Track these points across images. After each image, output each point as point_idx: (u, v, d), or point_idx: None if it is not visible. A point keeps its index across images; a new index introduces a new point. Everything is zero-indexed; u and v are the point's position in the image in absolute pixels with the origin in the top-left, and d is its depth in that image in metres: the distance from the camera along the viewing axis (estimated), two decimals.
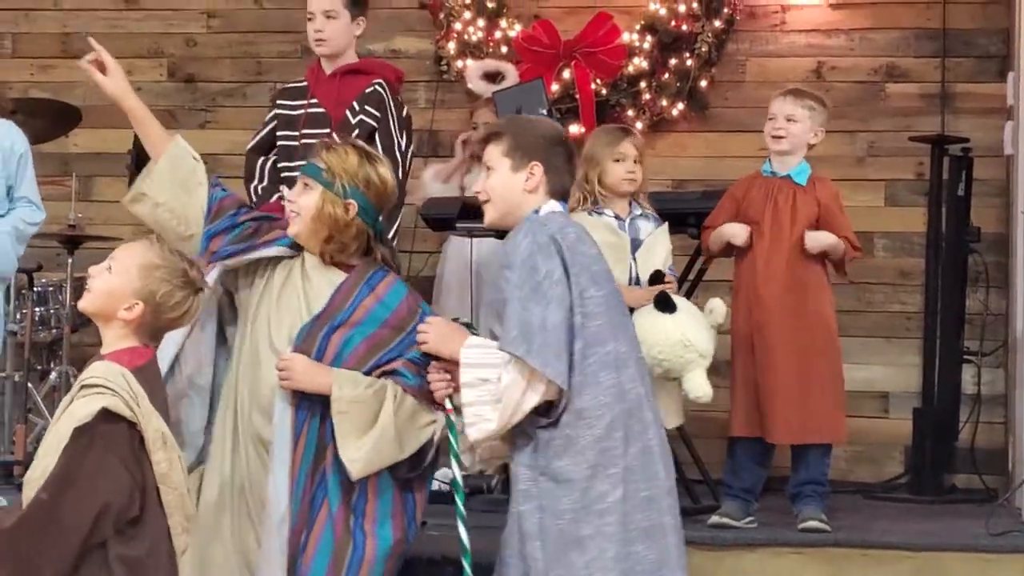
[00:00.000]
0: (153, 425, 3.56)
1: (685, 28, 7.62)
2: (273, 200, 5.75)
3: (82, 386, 3.62)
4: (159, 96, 7.96)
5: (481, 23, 7.75)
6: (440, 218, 6.36)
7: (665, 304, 5.32)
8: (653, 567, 4.07)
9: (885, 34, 7.62)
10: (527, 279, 4.04)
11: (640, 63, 7.63)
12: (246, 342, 4.41)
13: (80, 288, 6.99)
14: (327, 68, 5.86)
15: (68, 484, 3.49)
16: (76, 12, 8.11)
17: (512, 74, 7.14)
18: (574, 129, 7.48)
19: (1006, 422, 7.08)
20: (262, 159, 5.89)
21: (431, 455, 4.35)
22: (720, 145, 7.63)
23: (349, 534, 4.24)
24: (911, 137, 7.27)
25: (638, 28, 7.66)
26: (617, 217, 5.65)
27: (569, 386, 4.03)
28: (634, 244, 5.62)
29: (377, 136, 5.69)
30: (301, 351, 4.27)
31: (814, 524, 5.53)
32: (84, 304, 3.78)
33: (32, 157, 6.00)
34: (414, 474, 4.35)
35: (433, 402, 4.30)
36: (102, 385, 3.57)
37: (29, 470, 3.66)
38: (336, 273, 4.40)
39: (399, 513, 4.31)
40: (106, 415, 3.53)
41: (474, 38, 7.74)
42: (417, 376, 4.30)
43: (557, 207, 4.25)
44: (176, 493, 3.59)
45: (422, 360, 4.31)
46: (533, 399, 4.03)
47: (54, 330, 7.26)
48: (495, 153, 4.29)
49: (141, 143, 4.71)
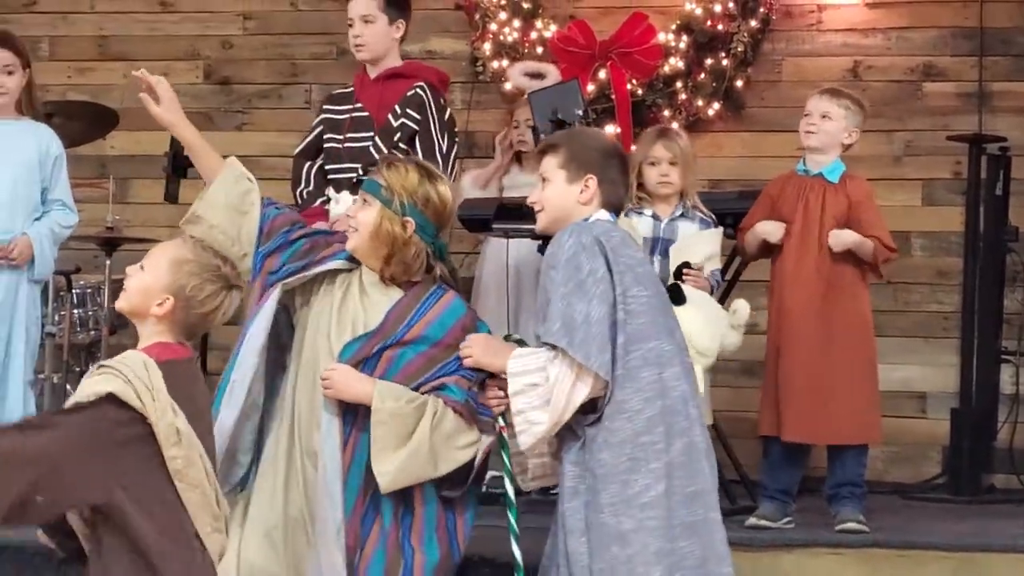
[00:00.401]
0: (167, 420, 3.52)
1: (721, 28, 7.60)
2: (317, 204, 5.77)
3: (99, 366, 3.64)
4: (195, 98, 7.99)
5: (516, 24, 7.75)
6: (476, 219, 6.35)
7: (674, 296, 5.30)
8: (698, 563, 4.09)
9: (922, 33, 7.59)
10: (571, 276, 4.09)
11: (676, 63, 7.62)
12: (304, 358, 4.41)
13: (118, 290, 7.06)
14: (371, 73, 5.87)
15: (41, 435, 3.45)
16: (113, 15, 8.15)
17: (554, 75, 7.13)
18: (610, 130, 7.48)
19: None
20: (308, 163, 5.91)
21: (473, 476, 4.34)
22: (756, 145, 7.61)
23: (399, 550, 4.24)
24: (948, 136, 7.24)
25: (674, 28, 7.65)
26: (655, 217, 5.66)
27: (612, 379, 4.05)
28: (667, 244, 5.62)
29: (417, 139, 5.70)
30: (348, 364, 4.28)
31: (852, 525, 5.51)
32: (120, 303, 3.81)
33: (67, 160, 6.02)
34: (455, 493, 4.33)
35: (478, 420, 4.29)
36: (117, 369, 3.56)
37: None
38: (395, 290, 4.41)
39: (443, 529, 4.31)
40: (111, 400, 3.51)
41: (509, 39, 7.74)
42: (466, 391, 4.29)
43: (605, 216, 4.28)
44: (198, 491, 3.56)
45: (474, 376, 4.31)
46: (583, 391, 4.06)
47: (92, 332, 7.28)
48: (551, 165, 4.33)
49: (178, 146, 4.75)
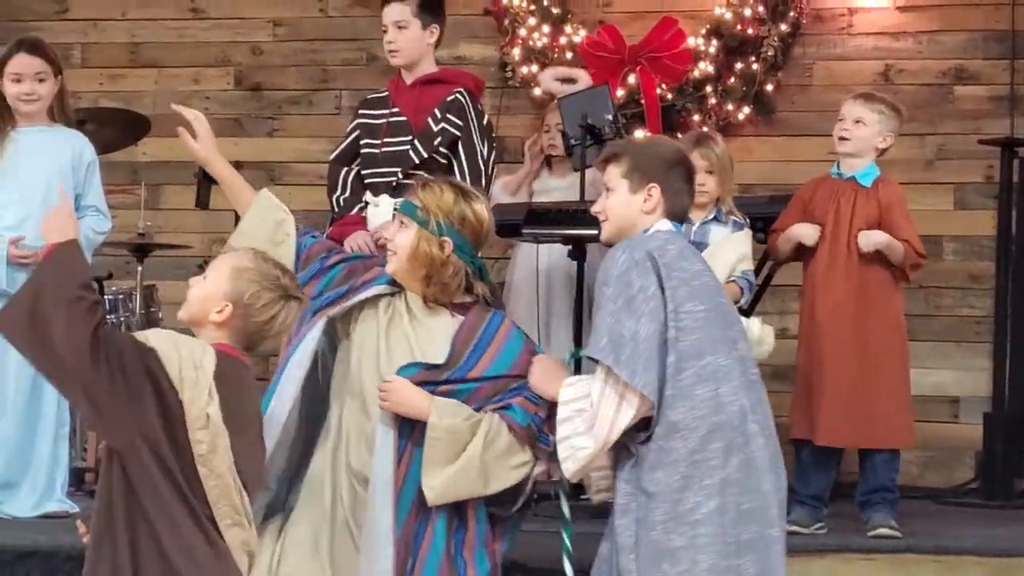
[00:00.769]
0: (199, 404, 3.54)
1: (751, 32, 7.59)
2: (355, 212, 5.79)
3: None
4: (226, 105, 8.02)
5: (546, 29, 7.74)
6: (506, 224, 6.35)
7: None
8: None
9: (953, 36, 7.56)
10: (621, 292, 4.06)
11: (706, 67, 7.60)
12: (351, 382, 4.40)
13: (149, 296, 7.10)
14: (407, 78, 5.88)
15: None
16: (144, 22, 8.18)
17: (585, 80, 7.12)
18: (640, 135, 7.48)
19: None
20: (345, 169, 5.91)
21: (523, 500, 4.34)
22: (787, 149, 7.60)
23: (452, 563, 4.24)
24: (980, 140, 7.21)
25: (703, 32, 7.64)
26: (688, 221, 5.65)
27: (661, 399, 4.02)
28: (698, 248, 5.60)
29: (460, 145, 5.71)
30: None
31: (884, 531, 5.49)
32: (181, 313, 3.84)
33: (99, 166, 6.05)
34: (502, 513, 4.34)
35: (535, 445, 4.29)
36: (173, 337, 3.61)
37: None
38: (444, 314, 4.41)
39: (491, 544, 4.31)
40: (153, 357, 3.55)
41: (539, 44, 7.74)
42: (531, 415, 4.28)
43: (667, 226, 4.25)
44: (221, 481, 3.57)
45: (540, 401, 4.31)
46: (628, 413, 4.02)
47: None
48: (614, 174, 4.31)
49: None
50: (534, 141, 7.05)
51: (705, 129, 7.13)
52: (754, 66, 7.59)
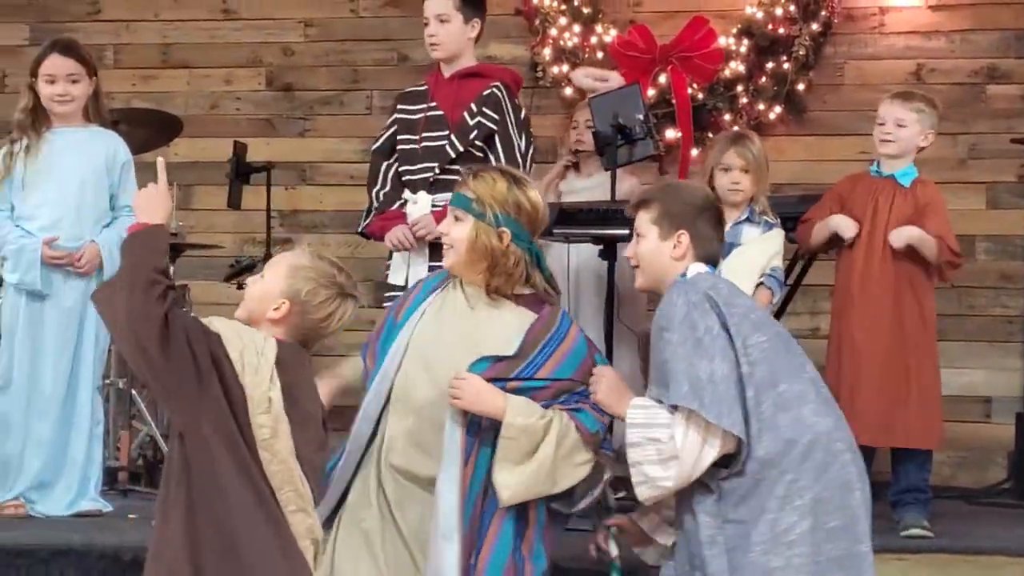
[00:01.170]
0: (262, 389, 3.60)
1: (782, 31, 7.58)
2: (395, 207, 5.80)
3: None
4: (258, 105, 8.05)
5: (576, 29, 7.75)
6: None
7: None
8: None
9: (986, 35, 7.54)
10: (688, 336, 4.07)
11: (737, 67, 7.60)
12: (397, 379, 4.35)
13: (181, 296, 7.12)
14: (446, 72, 5.89)
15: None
16: (176, 23, 8.21)
17: (616, 81, 7.13)
18: (670, 134, 7.48)
19: None
20: (385, 163, 5.92)
21: (588, 503, 4.33)
22: (818, 149, 7.59)
23: (513, 558, 4.23)
24: (1013, 139, 7.19)
25: (734, 32, 7.63)
26: None
27: (748, 436, 4.04)
28: (730, 248, 5.60)
29: (496, 138, 5.72)
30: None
31: (916, 531, 5.48)
32: (238, 312, 3.87)
33: (134, 166, 6.07)
34: (563, 509, 4.33)
35: (599, 452, 4.29)
36: (237, 327, 3.66)
37: None
38: (506, 304, 4.38)
39: (548, 541, 4.31)
40: (217, 342, 3.60)
41: (569, 44, 7.74)
42: (600, 424, 4.28)
43: (704, 268, 4.27)
44: (284, 466, 3.61)
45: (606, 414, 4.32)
46: (711, 454, 4.05)
47: None
48: (644, 220, 4.33)
49: (241, 152, 4.76)
50: (563, 137, 7.05)
51: (740, 128, 7.12)
52: (785, 65, 7.58)
